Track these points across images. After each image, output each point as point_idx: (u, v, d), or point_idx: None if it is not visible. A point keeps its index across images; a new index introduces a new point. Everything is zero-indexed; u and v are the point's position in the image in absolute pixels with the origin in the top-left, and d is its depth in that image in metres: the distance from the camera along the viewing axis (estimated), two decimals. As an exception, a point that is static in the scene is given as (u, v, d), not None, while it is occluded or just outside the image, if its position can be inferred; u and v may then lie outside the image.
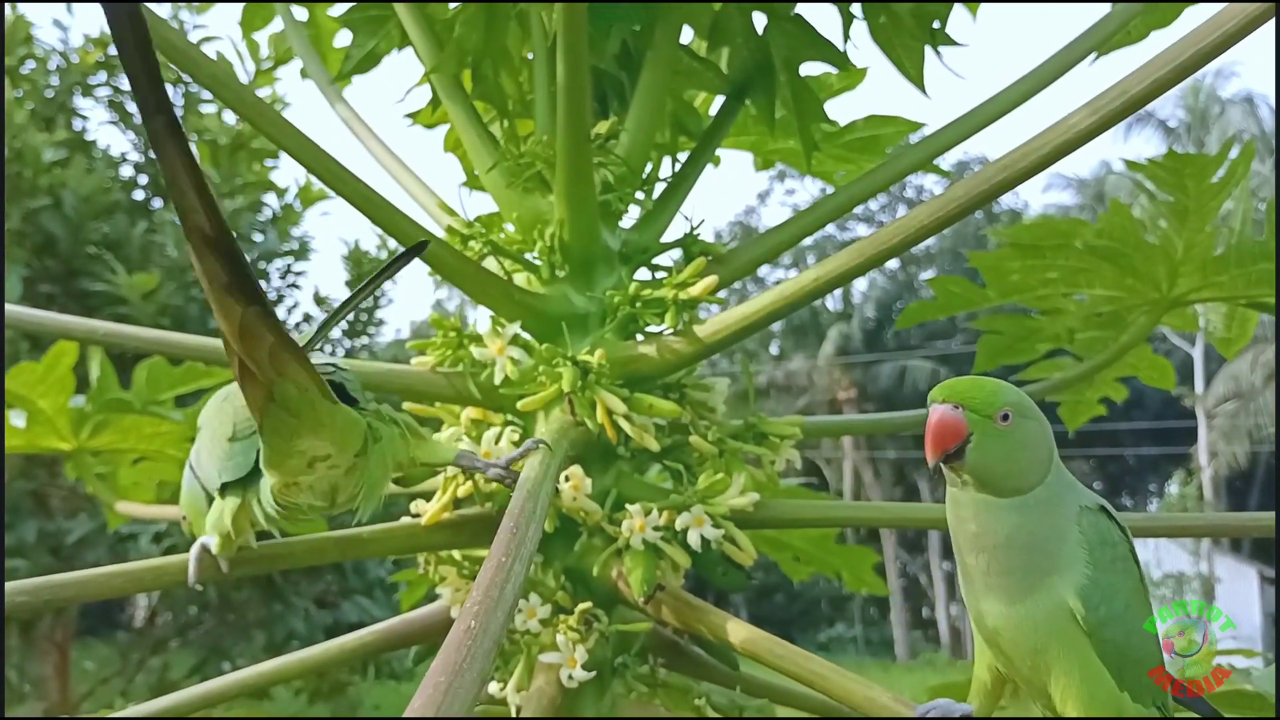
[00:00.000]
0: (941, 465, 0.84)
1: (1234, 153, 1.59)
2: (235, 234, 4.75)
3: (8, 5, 5.65)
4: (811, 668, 0.99)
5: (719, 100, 1.61)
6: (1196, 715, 0.93)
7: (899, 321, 1.98)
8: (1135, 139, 24.39)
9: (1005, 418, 0.83)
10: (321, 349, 1.28)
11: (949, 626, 27.04)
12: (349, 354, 7.72)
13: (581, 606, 1.26)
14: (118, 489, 2.05)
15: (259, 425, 0.95)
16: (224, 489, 1.09)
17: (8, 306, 1.43)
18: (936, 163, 1.66)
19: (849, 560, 2.07)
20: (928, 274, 29.78)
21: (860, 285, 31.01)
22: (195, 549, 1.18)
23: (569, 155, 1.25)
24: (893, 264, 31.33)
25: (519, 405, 1.29)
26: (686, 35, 1.49)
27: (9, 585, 1.04)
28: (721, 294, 1.36)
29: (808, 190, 31.93)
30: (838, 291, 30.01)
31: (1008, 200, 30.39)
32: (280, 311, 7.17)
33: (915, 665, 22.40)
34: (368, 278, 1.08)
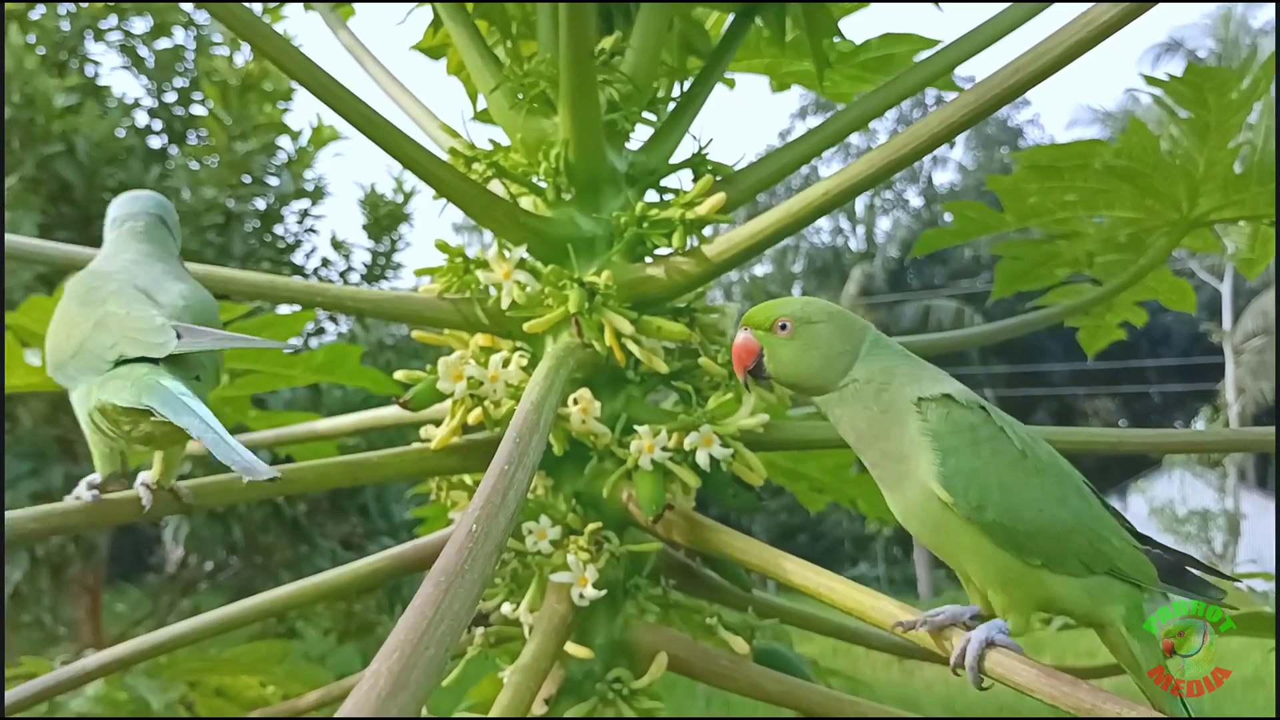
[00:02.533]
0: (756, 380, 0.95)
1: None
2: (250, 177, 4.72)
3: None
4: (821, 580, 0.99)
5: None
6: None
7: (916, 248, 1.95)
8: (1164, 69, 23.86)
9: (784, 327, 0.92)
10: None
11: (971, 565, 27.11)
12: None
13: (591, 527, 1.25)
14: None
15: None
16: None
17: (11, 237, 1.42)
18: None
19: (865, 489, 2.06)
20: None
21: (884, 225, 30.74)
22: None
23: (573, 71, 1.22)
24: (917, 202, 31.04)
25: (525, 327, 1.28)
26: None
27: (18, 513, 1.05)
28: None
29: (829, 128, 31.53)
30: (860, 231, 29.79)
31: (1034, 135, 29.99)
32: (298, 257, 7.17)
33: (938, 603, 22.49)
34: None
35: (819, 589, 1.01)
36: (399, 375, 1.38)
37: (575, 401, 1.26)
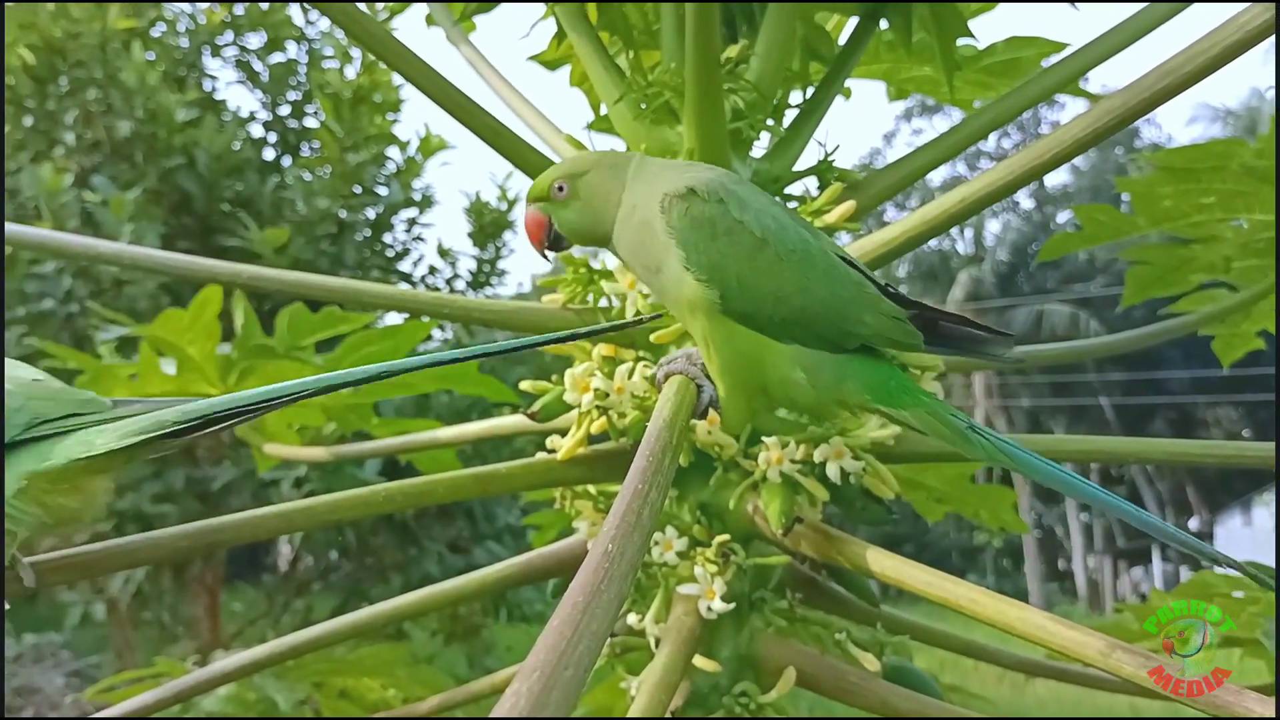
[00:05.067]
0: (556, 248, 1.00)
1: None
2: (361, 187, 4.84)
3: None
4: (962, 592, 0.96)
5: (850, 26, 1.56)
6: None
7: (1041, 254, 1.90)
8: (1286, 65, 22.88)
9: (560, 189, 0.97)
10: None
11: (1086, 579, 26.38)
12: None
13: (719, 538, 1.24)
14: (264, 435, 2.12)
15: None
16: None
17: (159, 253, 1.48)
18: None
19: (988, 499, 2.01)
20: (1064, 214, 28.76)
21: (993, 228, 30.16)
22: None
23: (698, 81, 1.21)
24: (1028, 204, 30.38)
25: (652, 338, 1.28)
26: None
27: (171, 531, 1.08)
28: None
29: (935, 130, 31.07)
30: (969, 234, 29.23)
31: (1150, 135, 29.10)
32: (405, 265, 7.31)
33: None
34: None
35: (959, 601, 0.98)
36: (524, 385, 1.39)
37: (702, 412, 1.25)
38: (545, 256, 1.03)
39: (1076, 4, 1.40)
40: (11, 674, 7.39)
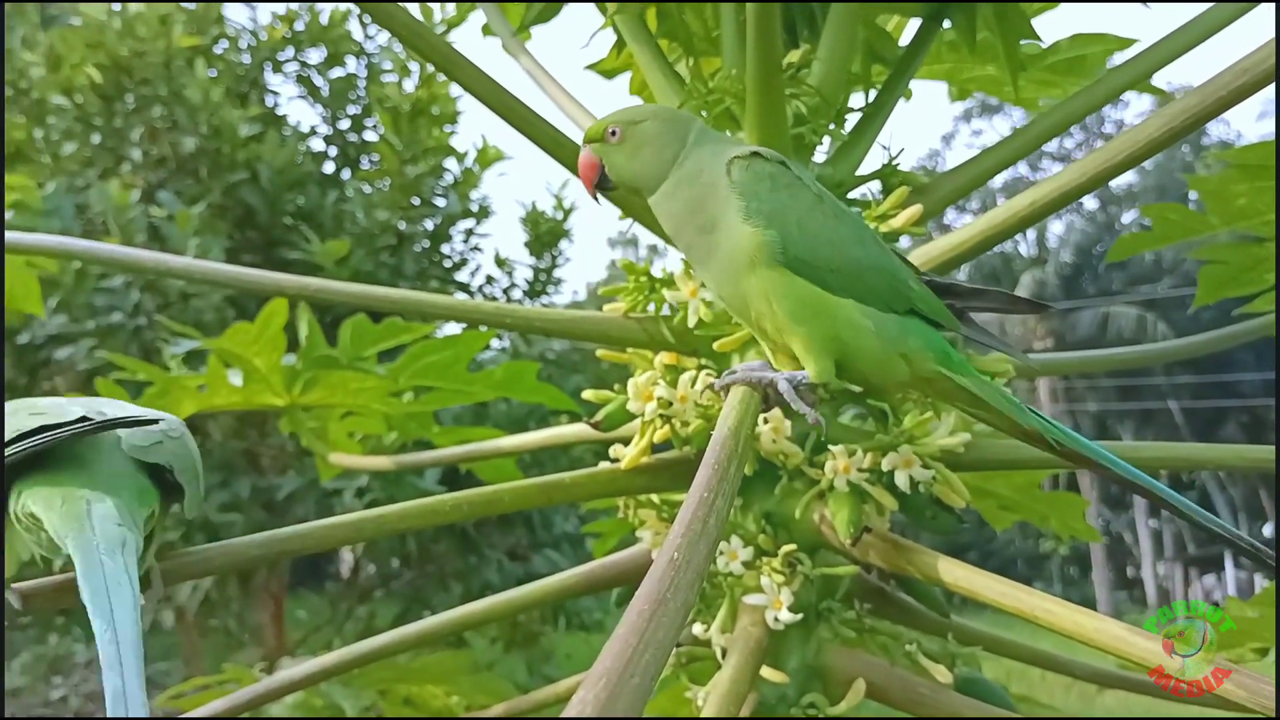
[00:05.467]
0: (603, 190, 1.04)
1: None
2: (419, 199, 4.86)
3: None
4: (1035, 602, 0.94)
5: (911, 27, 1.54)
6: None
7: (1110, 254, 1.85)
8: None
9: (614, 133, 1.00)
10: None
11: (1156, 586, 25.80)
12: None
13: (786, 548, 1.23)
14: (327, 444, 2.14)
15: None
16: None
17: (229, 267, 1.50)
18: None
19: (1058, 507, 1.98)
20: (1129, 214, 28.20)
21: (1056, 229, 29.69)
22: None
23: (759, 87, 1.20)
24: (1091, 204, 29.88)
25: (715, 346, 1.27)
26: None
27: (244, 540, 1.08)
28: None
29: (996, 130, 30.73)
30: (1031, 235, 28.79)
31: (1218, 132, 28.48)
32: (463, 275, 7.37)
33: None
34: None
35: (1033, 612, 0.96)
36: (587, 394, 1.39)
37: (766, 420, 1.24)
38: (595, 198, 1.07)
39: (1149, 2, 1.37)
40: (82, 679, 7.55)
